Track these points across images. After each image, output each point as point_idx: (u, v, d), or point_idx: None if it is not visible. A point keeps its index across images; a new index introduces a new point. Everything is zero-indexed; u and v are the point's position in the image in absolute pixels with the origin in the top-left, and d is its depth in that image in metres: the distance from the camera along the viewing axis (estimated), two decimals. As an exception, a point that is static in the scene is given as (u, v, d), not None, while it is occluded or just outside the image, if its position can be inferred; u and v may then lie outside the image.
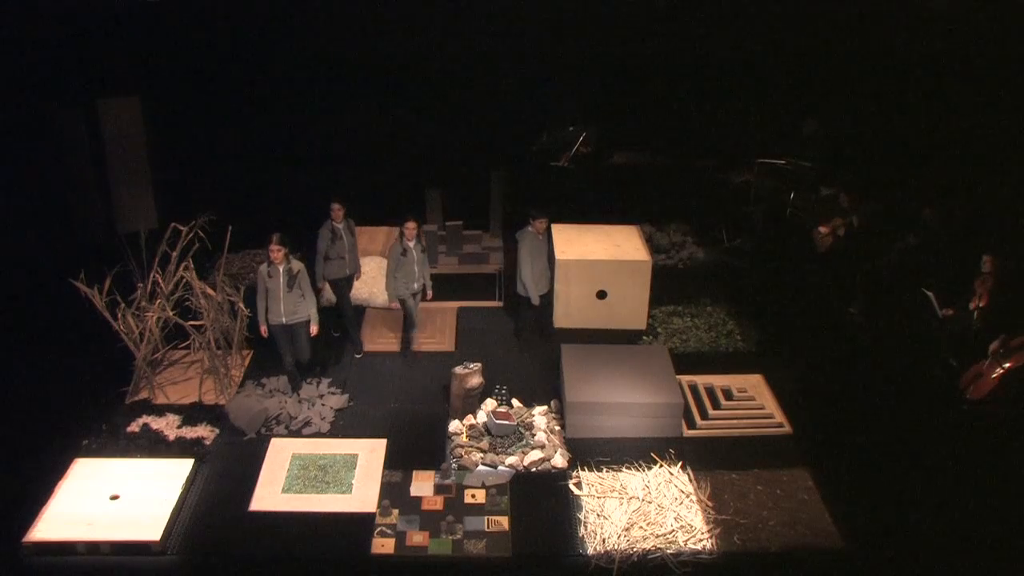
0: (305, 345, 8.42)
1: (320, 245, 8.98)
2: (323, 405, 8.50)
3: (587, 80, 13.71)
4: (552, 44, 13.01)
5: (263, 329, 8.27)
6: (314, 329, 8.36)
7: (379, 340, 9.78)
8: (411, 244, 8.82)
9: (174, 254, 8.82)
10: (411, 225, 8.77)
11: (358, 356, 9.39)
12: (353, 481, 7.44)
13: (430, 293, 9.27)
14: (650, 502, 7.23)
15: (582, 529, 6.95)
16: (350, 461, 7.69)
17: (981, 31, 10.28)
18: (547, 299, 9.67)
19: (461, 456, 7.69)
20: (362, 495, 7.28)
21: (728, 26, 12.88)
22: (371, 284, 10.51)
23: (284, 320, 8.20)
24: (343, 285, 9.28)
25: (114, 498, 7.08)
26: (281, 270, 8.08)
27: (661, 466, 7.70)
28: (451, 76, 13.06)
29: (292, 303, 8.18)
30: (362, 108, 13.23)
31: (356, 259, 9.36)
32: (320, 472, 7.54)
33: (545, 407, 8.47)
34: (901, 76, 11.71)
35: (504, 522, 7.02)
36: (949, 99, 10.91)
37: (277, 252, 8.01)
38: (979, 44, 10.35)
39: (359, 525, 6.97)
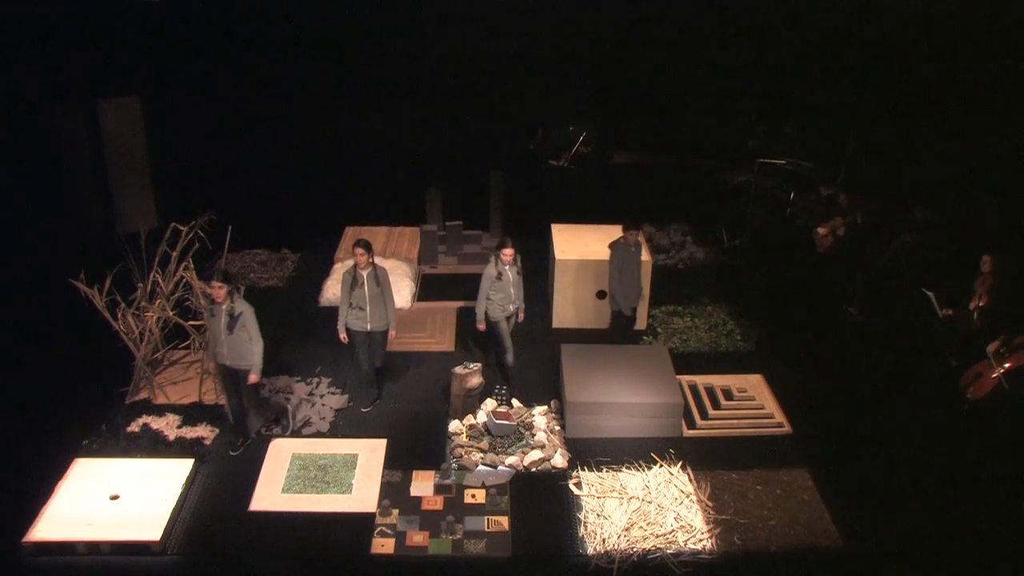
0: (249, 392, 7.64)
1: (342, 290, 8.16)
2: (323, 405, 8.50)
3: (587, 80, 13.70)
4: (552, 44, 13.00)
5: (211, 365, 7.75)
6: (252, 378, 7.48)
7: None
8: (507, 268, 8.48)
9: (174, 254, 8.81)
10: (508, 252, 8.38)
11: (364, 410, 8.47)
12: (353, 481, 7.44)
13: (522, 316, 8.85)
14: (650, 502, 7.23)
15: (582, 529, 6.95)
16: (350, 461, 7.69)
17: (980, 29, 10.28)
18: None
19: (461, 456, 7.69)
20: (362, 495, 7.28)
21: (728, 25, 12.87)
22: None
23: (228, 363, 7.50)
24: (362, 339, 8.27)
25: (114, 498, 7.08)
26: (223, 310, 7.31)
27: (661, 466, 7.70)
28: (451, 76, 13.05)
29: (236, 346, 7.38)
30: (362, 108, 13.22)
31: (384, 314, 8.18)
32: (320, 472, 7.54)
33: (545, 407, 8.48)
34: (900, 75, 11.70)
35: (504, 522, 7.02)
36: (949, 98, 10.90)
37: (218, 290, 7.24)
38: (978, 42, 10.35)
39: (359, 525, 6.97)
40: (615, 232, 10.60)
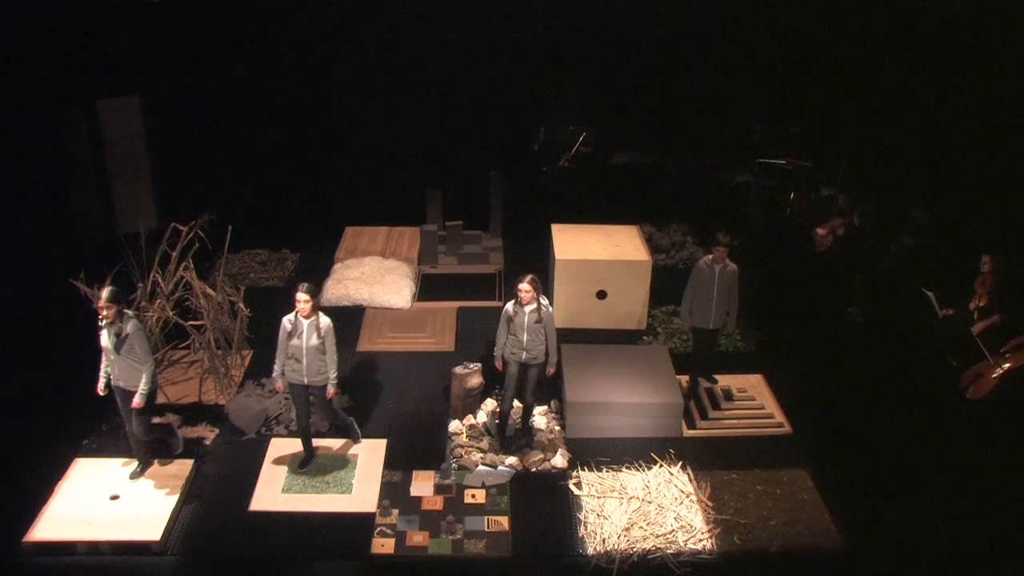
0: (133, 421, 7.06)
1: (279, 338, 7.18)
2: (323, 405, 8.49)
3: (587, 80, 13.71)
4: (552, 44, 13.01)
5: (99, 386, 7.15)
6: (135, 402, 6.89)
7: (379, 340, 9.78)
8: (526, 308, 7.41)
9: (174, 254, 8.81)
10: (522, 288, 7.30)
11: (302, 470, 7.54)
12: (353, 481, 7.44)
13: (551, 370, 7.79)
14: (650, 502, 7.23)
15: (582, 529, 6.95)
16: (350, 461, 7.69)
17: (979, 28, 10.29)
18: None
19: (461, 456, 7.69)
20: (362, 495, 7.28)
21: (729, 25, 12.88)
22: (371, 283, 10.52)
23: (120, 384, 6.97)
24: (299, 392, 7.31)
25: (114, 498, 7.08)
26: (113, 329, 6.77)
27: (661, 466, 7.70)
28: (452, 76, 13.06)
29: (125, 367, 6.84)
30: (362, 108, 13.23)
31: (323, 369, 7.18)
32: (320, 472, 7.54)
33: (545, 407, 8.47)
34: (900, 75, 11.71)
35: (504, 522, 7.02)
36: (948, 97, 10.91)
37: (107, 310, 6.66)
38: (978, 41, 10.36)
39: (359, 525, 6.96)
40: (616, 232, 10.65)
